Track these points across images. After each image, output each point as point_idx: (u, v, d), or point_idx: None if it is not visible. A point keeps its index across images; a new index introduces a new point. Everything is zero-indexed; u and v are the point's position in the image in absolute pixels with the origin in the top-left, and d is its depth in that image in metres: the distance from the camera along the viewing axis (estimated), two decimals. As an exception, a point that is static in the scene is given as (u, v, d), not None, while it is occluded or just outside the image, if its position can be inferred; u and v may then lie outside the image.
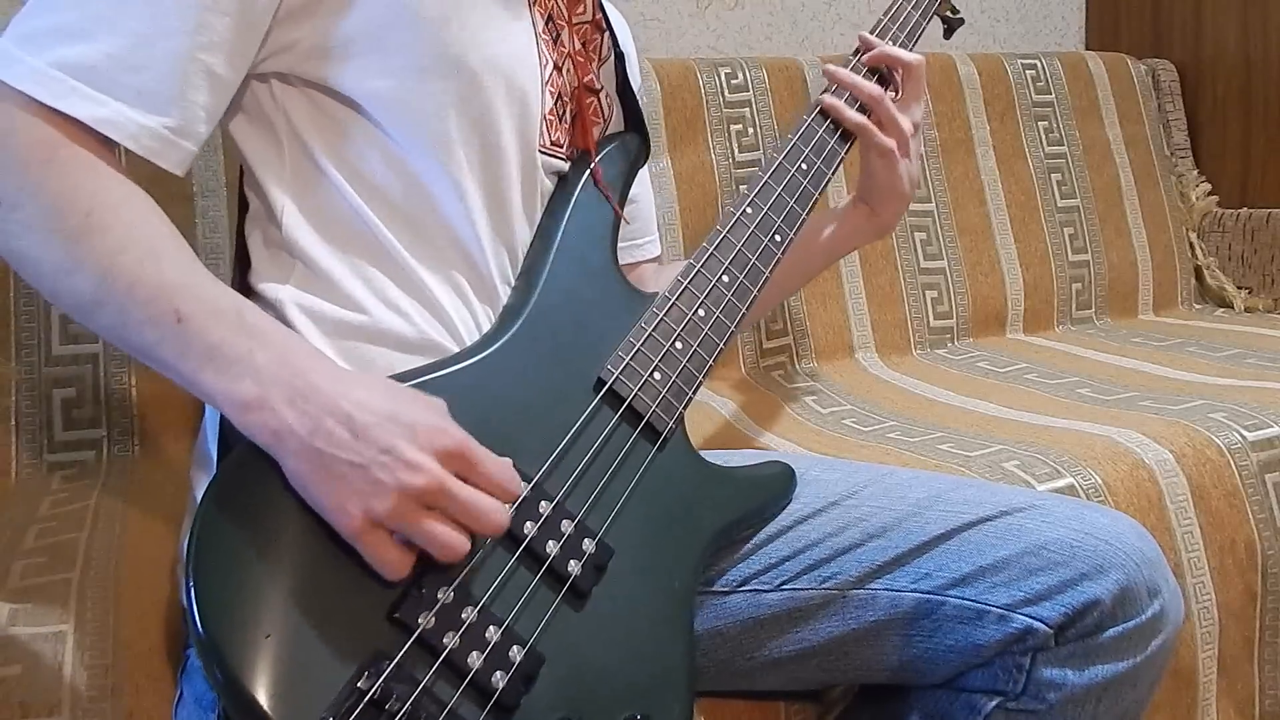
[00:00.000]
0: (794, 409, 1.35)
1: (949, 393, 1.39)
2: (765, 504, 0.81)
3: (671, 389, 0.76)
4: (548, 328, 0.76)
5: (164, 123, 0.67)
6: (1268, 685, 1.16)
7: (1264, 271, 1.82)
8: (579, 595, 0.67)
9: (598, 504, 0.70)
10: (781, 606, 0.79)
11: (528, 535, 0.66)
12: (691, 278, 0.81)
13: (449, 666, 0.60)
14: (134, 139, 0.66)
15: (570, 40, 0.85)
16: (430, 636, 0.60)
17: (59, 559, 0.89)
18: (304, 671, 0.57)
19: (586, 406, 0.72)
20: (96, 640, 0.77)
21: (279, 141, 0.76)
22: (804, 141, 0.92)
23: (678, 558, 0.72)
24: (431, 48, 0.74)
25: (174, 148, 0.68)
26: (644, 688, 0.66)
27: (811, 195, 0.90)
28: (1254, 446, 1.16)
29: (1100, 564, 0.74)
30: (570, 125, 0.84)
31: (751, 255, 0.84)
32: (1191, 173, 1.92)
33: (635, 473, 0.73)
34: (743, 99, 1.57)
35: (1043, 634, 0.73)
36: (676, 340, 0.78)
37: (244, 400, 0.61)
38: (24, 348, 1.18)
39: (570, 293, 0.78)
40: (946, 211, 1.68)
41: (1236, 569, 1.12)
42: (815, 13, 1.91)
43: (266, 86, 0.76)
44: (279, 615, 0.58)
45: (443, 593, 0.62)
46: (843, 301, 1.58)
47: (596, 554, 0.68)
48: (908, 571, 0.77)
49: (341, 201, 0.76)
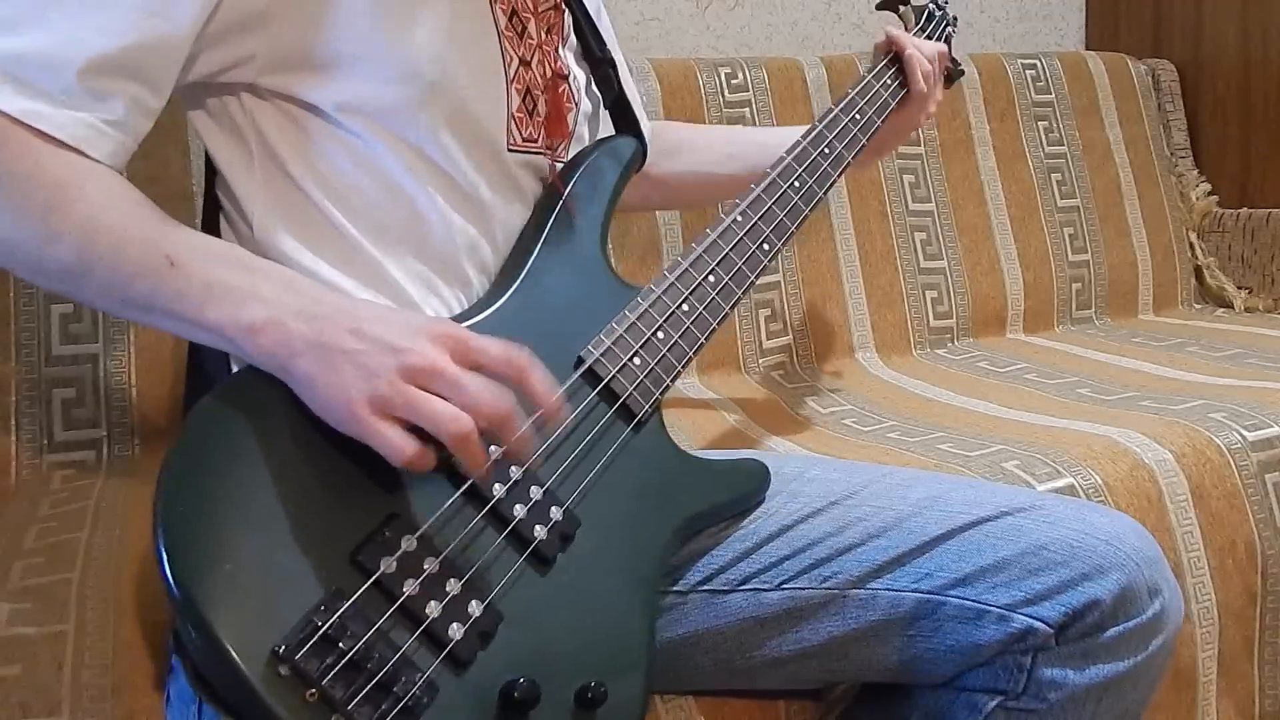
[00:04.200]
0: (794, 409, 1.35)
1: (949, 393, 1.39)
2: (736, 499, 0.81)
3: (650, 375, 0.77)
4: (532, 306, 0.77)
5: (95, 116, 0.67)
6: (1267, 685, 1.16)
7: (1264, 271, 1.82)
8: (543, 561, 0.68)
9: (569, 476, 0.71)
10: (782, 606, 0.79)
11: (496, 497, 0.67)
12: (678, 274, 0.82)
13: (405, 613, 0.61)
14: (63, 129, 0.66)
15: (537, 31, 0.84)
16: (389, 581, 0.61)
17: (59, 559, 0.89)
18: (260, 603, 0.57)
19: (564, 382, 0.73)
20: (96, 640, 0.78)
21: (248, 149, 0.77)
22: (798, 160, 0.94)
23: (644, 540, 0.73)
24: (392, 58, 0.74)
25: (105, 138, 0.68)
26: (602, 659, 0.67)
27: (801, 211, 0.92)
28: (1254, 446, 1.16)
29: (1100, 564, 0.74)
30: (544, 118, 0.84)
31: (739, 260, 0.85)
32: (1191, 173, 1.92)
33: (608, 451, 0.74)
34: (743, 99, 1.57)
35: (1043, 634, 0.73)
36: (659, 330, 0.79)
37: (252, 323, 0.63)
38: (24, 348, 1.18)
39: (557, 276, 0.80)
40: (946, 211, 1.68)
41: (1236, 569, 1.12)
42: (815, 13, 1.91)
43: (236, 99, 0.76)
44: (240, 547, 0.58)
45: (406, 541, 0.62)
46: (843, 301, 1.58)
47: (563, 522, 0.69)
48: (908, 571, 0.77)
49: (311, 205, 0.76)
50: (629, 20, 1.76)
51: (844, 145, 0.99)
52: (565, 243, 0.82)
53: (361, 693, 0.57)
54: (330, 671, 0.57)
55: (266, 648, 0.56)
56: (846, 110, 1.01)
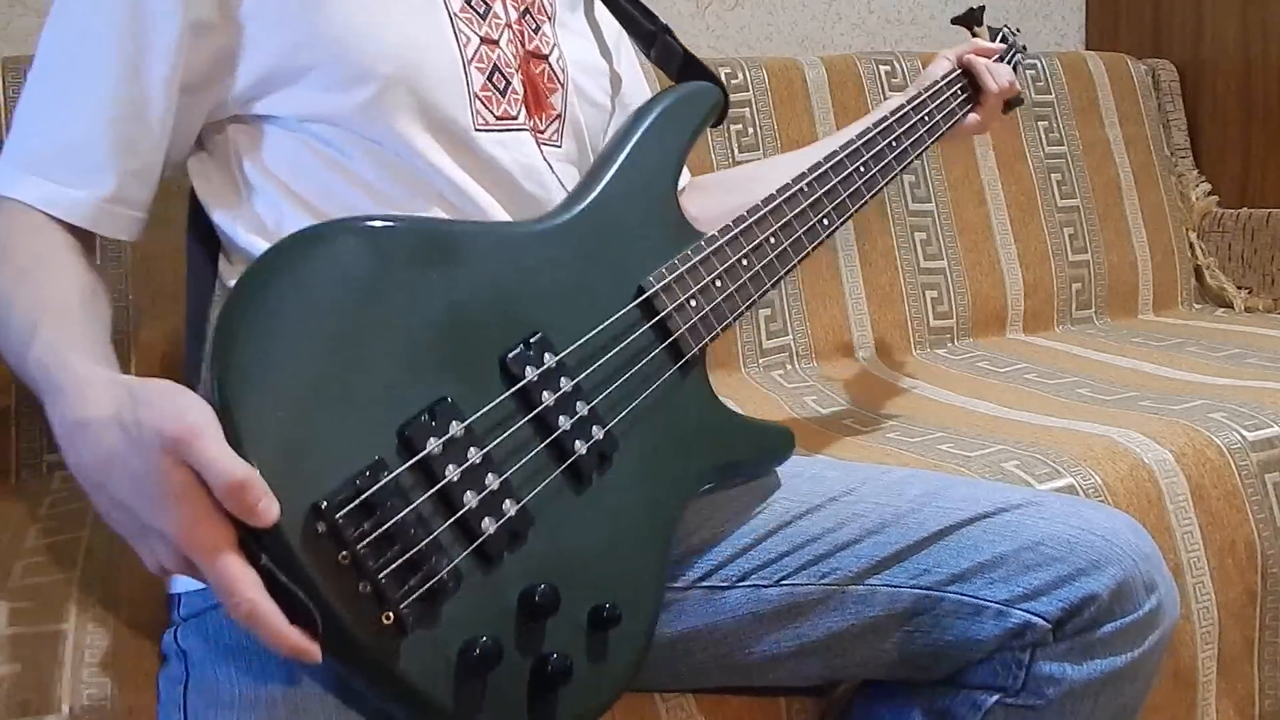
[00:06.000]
0: (794, 409, 1.35)
1: (949, 393, 1.39)
2: (760, 458, 0.82)
3: (703, 319, 0.78)
4: (601, 225, 0.77)
5: (95, 194, 0.73)
6: (1267, 685, 1.16)
7: (1264, 271, 1.82)
8: (578, 478, 0.68)
9: (615, 402, 0.71)
10: (781, 602, 0.79)
11: (544, 404, 0.67)
12: (742, 228, 0.82)
13: (443, 498, 0.61)
14: (68, 212, 0.73)
15: (505, 10, 0.84)
16: (434, 463, 0.61)
17: (59, 559, 0.89)
18: (306, 457, 0.57)
19: (623, 307, 0.74)
20: (96, 640, 0.78)
21: (230, 170, 0.79)
22: (866, 146, 0.95)
23: (674, 478, 0.74)
24: (341, 62, 0.75)
25: (111, 216, 0.74)
26: (620, 584, 0.68)
27: (863, 195, 0.93)
28: (1254, 446, 1.16)
29: (1097, 560, 0.74)
30: (523, 96, 0.84)
31: (799, 227, 0.86)
32: (1191, 173, 1.92)
33: (653, 384, 0.74)
34: (743, 99, 1.57)
35: (1041, 629, 0.74)
36: (717, 278, 0.79)
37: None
38: (24, 348, 1.18)
39: (628, 200, 0.79)
40: (946, 211, 1.68)
41: (1236, 569, 1.12)
42: (815, 13, 1.91)
43: (223, 134, 0.79)
44: (293, 399, 0.58)
45: (454, 426, 0.62)
46: (843, 301, 1.58)
47: (603, 442, 0.69)
48: (906, 567, 0.77)
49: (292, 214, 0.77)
50: (629, 21, 1.76)
51: (910, 142, 1.00)
52: (638, 173, 0.81)
53: (391, 566, 0.57)
54: (365, 539, 0.56)
55: (308, 501, 0.56)
56: (918, 109, 1.02)
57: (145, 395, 0.57)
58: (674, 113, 0.85)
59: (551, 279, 0.72)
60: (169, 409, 0.55)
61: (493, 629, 0.60)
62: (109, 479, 0.56)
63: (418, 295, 0.64)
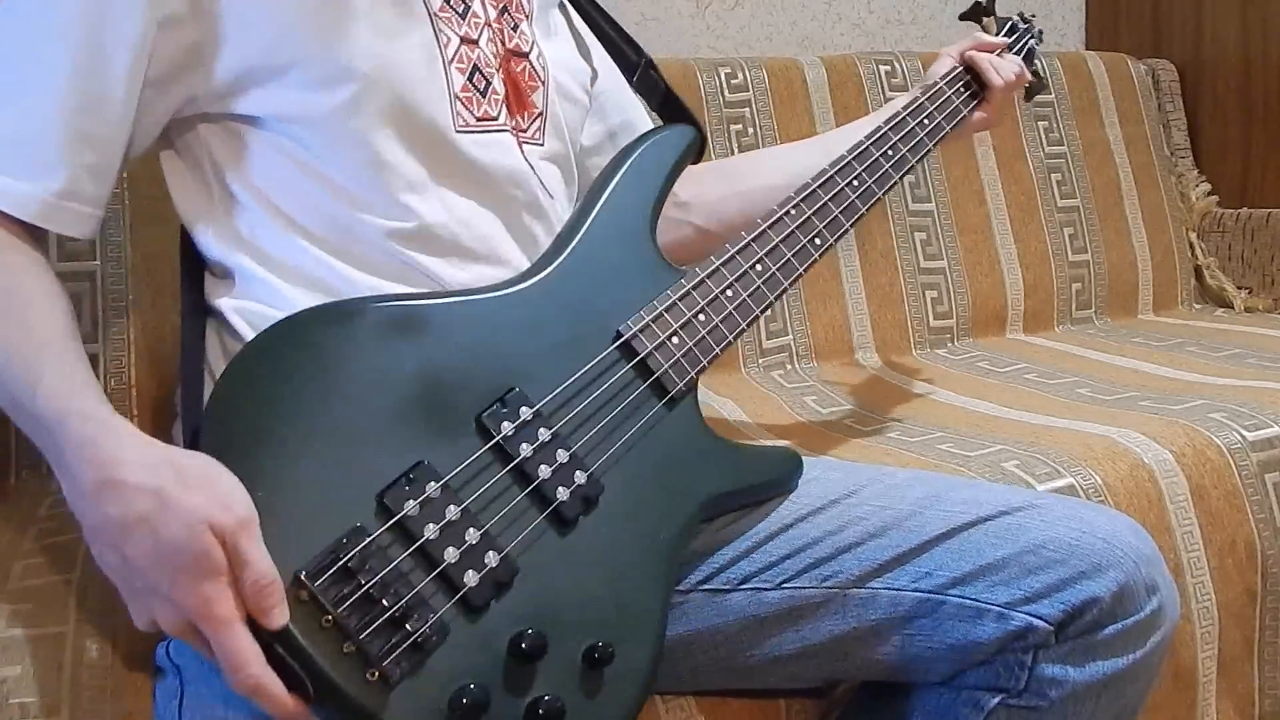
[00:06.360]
0: (794, 409, 1.35)
1: (949, 393, 1.39)
2: (764, 483, 0.82)
3: (687, 355, 0.78)
4: (576, 278, 0.78)
5: (46, 189, 0.71)
6: (1267, 685, 1.16)
7: (1264, 271, 1.82)
8: (563, 522, 0.69)
9: (597, 444, 0.72)
10: (782, 605, 0.79)
11: (522, 455, 0.68)
12: (724, 260, 0.83)
13: (423, 555, 0.63)
14: (15, 207, 0.71)
15: (484, 8, 0.84)
16: (411, 524, 0.63)
17: (59, 559, 0.89)
18: (287, 529, 0.60)
19: (601, 353, 0.75)
20: (96, 640, 0.77)
21: (204, 174, 0.78)
22: (859, 160, 0.94)
23: (667, 513, 0.74)
24: (317, 60, 0.74)
25: (62, 211, 0.72)
26: (613, 623, 0.69)
27: (857, 210, 0.92)
28: (1254, 446, 1.16)
29: (1098, 562, 0.74)
30: (503, 97, 0.83)
31: (788, 251, 0.86)
32: (1191, 173, 1.92)
33: (638, 424, 0.75)
34: (742, 99, 1.57)
35: (1043, 631, 0.74)
36: (700, 313, 0.80)
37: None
38: (24, 348, 1.18)
39: (604, 250, 0.81)
40: (946, 211, 1.68)
41: (1236, 569, 1.12)
42: (815, 13, 1.91)
43: (194, 132, 0.78)
44: (273, 476, 0.62)
45: (431, 487, 0.64)
46: (843, 301, 1.58)
47: (586, 486, 0.70)
48: (908, 571, 0.77)
49: (264, 217, 0.77)
50: (629, 20, 1.76)
51: (909, 148, 0.99)
52: (615, 220, 0.82)
53: (374, 625, 0.60)
54: (346, 601, 0.60)
55: (289, 572, 0.59)
56: (915, 115, 1.02)
57: (191, 476, 0.59)
58: (650, 157, 0.87)
59: (527, 337, 0.74)
60: (215, 496, 0.59)
61: (483, 676, 0.63)
62: (127, 541, 0.59)
63: (390, 371, 0.68)
